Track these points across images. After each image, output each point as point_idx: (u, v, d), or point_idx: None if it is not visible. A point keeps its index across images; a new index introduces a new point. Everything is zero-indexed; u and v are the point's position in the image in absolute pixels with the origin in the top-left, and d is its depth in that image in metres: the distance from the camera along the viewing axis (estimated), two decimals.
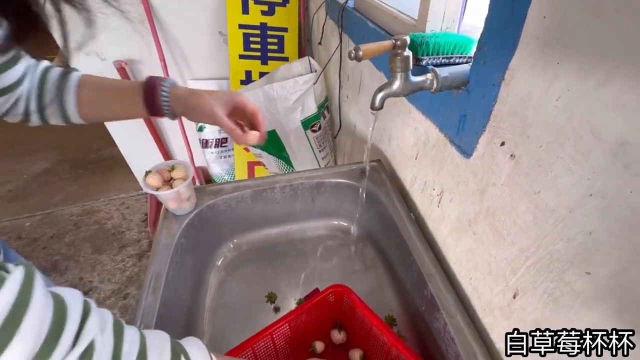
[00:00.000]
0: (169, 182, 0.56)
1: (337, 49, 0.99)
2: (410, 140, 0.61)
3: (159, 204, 1.65)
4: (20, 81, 0.43)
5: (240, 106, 0.50)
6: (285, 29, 1.37)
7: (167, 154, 1.68)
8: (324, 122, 1.18)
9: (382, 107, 0.44)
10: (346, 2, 0.91)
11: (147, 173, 0.55)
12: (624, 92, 0.23)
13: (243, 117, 0.51)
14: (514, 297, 0.37)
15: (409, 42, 0.41)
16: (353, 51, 0.39)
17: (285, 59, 1.42)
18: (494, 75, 0.36)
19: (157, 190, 0.54)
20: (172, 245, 0.55)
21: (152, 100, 0.47)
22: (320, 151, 1.21)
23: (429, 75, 0.43)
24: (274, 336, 0.51)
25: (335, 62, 1.06)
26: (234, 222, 0.69)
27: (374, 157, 0.75)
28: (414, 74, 0.44)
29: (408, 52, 0.41)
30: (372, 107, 0.44)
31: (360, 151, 0.99)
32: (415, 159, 0.59)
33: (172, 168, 0.56)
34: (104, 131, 1.54)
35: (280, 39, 1.38)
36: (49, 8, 0.24)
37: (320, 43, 1.22)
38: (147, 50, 1.38)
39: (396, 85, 0.42)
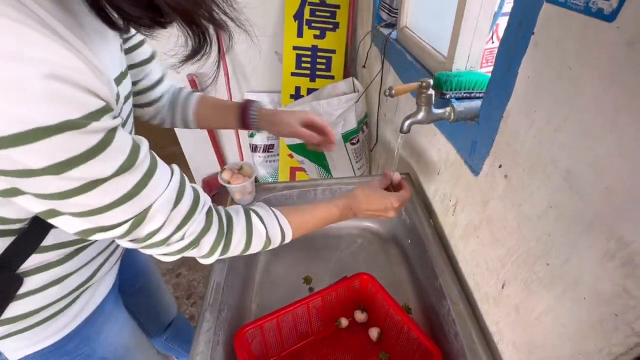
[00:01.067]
0: (237, 176, 0.72)
1: (378, 73, 1.12)
2: (434, 158, 0.72)
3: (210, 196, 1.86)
4: (160, 81, 0.60)
5: (312, 122, 0.65)
6: (333, 51, 1.53)
7: (221, 156, 1.91)
8: (362, 136, 1.31)
9: (409, 131, 0.56)
10: (390, 33, 1.05)
11: (222, 169, 0.71)
12: (571, 135, 0.33)
13: (315, 131, 0.66)
14: (502, 287, 0.47)
15: (432, 83, 0.53)
16: (388, 90, 0.52)
17: (332, 77, 1.57)
18: (496, 113, 0.47)
19: (228, 183, 0.70)
20: None
21: (244, 117, 0.65)
22: (357, 162, 1.33)
23: (448, 109, 0.54)
24: (310, 305, 0.64)
25: (376, 84, 1.19)
26: None
27: (404, 171, 0.86)
28: (439, 105, 0.55)
29: (431, 91, 0.53)
30: (400, 131, 0.56)
31: (392, 161, 1.10)
32: (438, 174, 0.70)
33: (241, 167, 0.72)
34: (170, 131, 1.80)
35: (329, 60, 1.54)
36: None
37: (364, 66, 1.36)
38: (215, 66, 1.61)
39: (420, 115, 0.54)
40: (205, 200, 0.42)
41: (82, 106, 0.27)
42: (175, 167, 0.40)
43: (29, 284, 0.42)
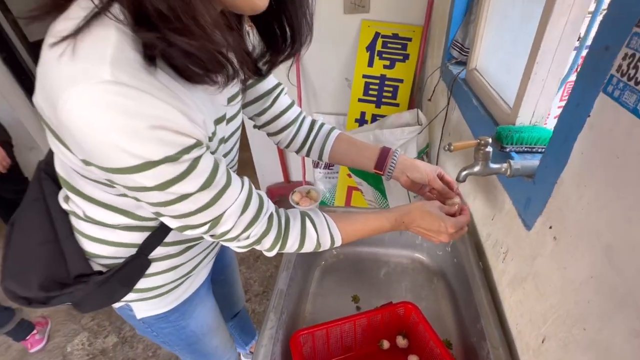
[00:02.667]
0: (305, 199, 0.83)
1: (444, 109, 1.16)
2: (490, 203, 0.75)
3: None
4: (289, 108, 0.69)
5: (440, 174, 0.68)
6: (401, 80, 1.60)
7: (286, 169, 2.08)
8: (446, 148, 1.34)
9: (465, 181, 0.61)
10: (459, 73, 1.09)
11: (293, 191, 0.83)
12: (614, 215, 0.37)
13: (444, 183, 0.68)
14: (542, 341, 0.49)
15: (494, 135, 0.58)
16: (447, 145, 0.58)
17: (397, 105, 1.64)
18: (551, 177, 0.50)
19: (297, 204, 0.82)
20: None
21: (383, 162, 0.68)
22: None
23: (505, 165, 0.59)
24: (356, 323, 0.72)
25: (440, 118, 1.23)
26: None
27: None
28: (498, 158, 0.60)
29: (489, 149, 0.58)
30: (457, 179, 0.62)
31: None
32: (492, 219, 0.73)
33: (309, 192, 0.84)
34: (243, 139, 2.02)
35: (395, 89, 1.61)
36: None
37: (429, 99, 1.41)
38: (289, 88, 1.78)
39: (477, 168, 0.59)
40: (269, 207, 0.51)
41: (177, 145, 0.36)
42: (245, 180, 0.49)
43: (154, 268, 0.58)
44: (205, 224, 0.45)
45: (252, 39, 0.53)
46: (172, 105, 0.35)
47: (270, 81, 0.65)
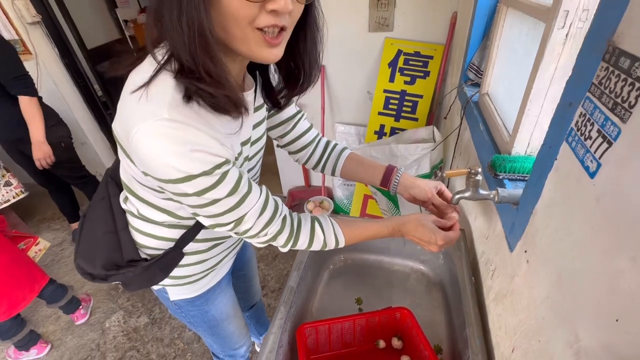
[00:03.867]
0: (318, 209, 0.93)
1: (457, 129, 1.22)
2: (486, 225, 0.81)
3: (290, 208, 2.14)
4: (307, 131, 0.79)
5: (441, 190, 0.75)
6: (420, 96, 1.67)
7: (307, 172, 2.19)
8: (440, 174, 1.41)
9: (458, 203, 0.69)
10: (472, 96, 1.14)
11: (308, 201, 0.93)
12: (566, 247, 0.44)
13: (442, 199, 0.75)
14: (512, 351, 0.56)
15: (480, 171, 0.65)
16: (439, 172, 0.66)
17: (416, 119, 1.70)
18: (529, 207, 0.57)
19: (311, 213, 0.92)
20: None
21: (388, 178, 0.77)
22: None
23: (493, 192, 0.65)
24: (356, 322, 0.81)
25: (454, 136, 1.28)
26: None
27: (462, 226, 0.96)
28: (493, 183, 0.67)
29: (479, 177, 0.65)
30: (450, 202, 0.70)
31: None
32: (487, 239, 0.80)
33: (321, 202, 0.94)
34: (269, 142, 2.16)
35: (415, 104, 1.68)
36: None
37: (445, 117, 1.46)
38: (314, 99, 1.89)
39: (468, 193, 0.67)
40: (282, 210, 0.60)
41: (210, 163, 0.47)
42: (264, 188, 0.58)
43: (186, 260, 0.70)
44: (230, 222, 0.54)
45: (277, 76, 0.64)
46: (207, 133, 0.47)
47: (291, 109, 0.76)
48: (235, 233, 0.58)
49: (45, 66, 2.05)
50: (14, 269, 1.39)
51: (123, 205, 0.66)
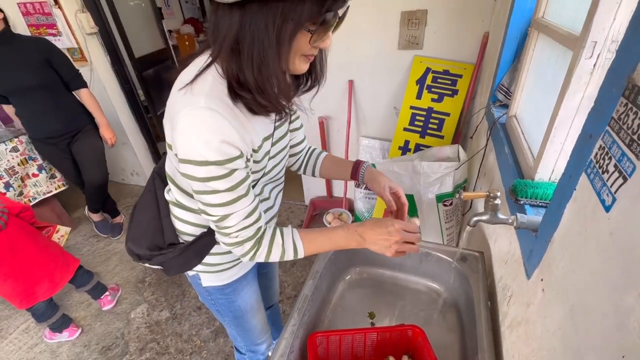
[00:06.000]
0: (336, 220, 0.96)
1: (482, 149, 1.21)
2: (505, 249, 0.80)
3: (311, 219, 2.19)
4: (302, 141, 0.85)
5: (398, 194, 0.79)
6: (447, 114, 1.66)
7: (329, 183, 2.23)
8: (457, 199, 1.39)
9: (475, 225, 0.69)
10: (499, 117, 1.13)
11: (328, 212, 0.96)
12: (579, 279, 0.44)
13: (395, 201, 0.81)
14: None
15: (498, 195, 0.65)
16: (457, 194, 0.67)
17: (441, 137, 1.69)
18: (547, 236, 0.56)
19: (330, 224, 0.94)
20: (327, 256, 0.95)
21: (356, 171, 0.84)
22: (446, 222, 1.42)
23: (512, 217, 0.65)
24: (367, 336, 0.82)
25: (479, 156, 1.27)
26: (363, 256, 1.04)
27: (480, 249, 0.95)
28: (513, 208, 0.67)
29: (498, 201, 0.65)
30: (468, 224, 0.70)
31: (479, 236, 1.16)
32: (505, 263, 0.78)
33: (341, 214, 0.96)
34: None
35: (441, 121, 1.67)
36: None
37: (471, 137, 1.45)
38: (341, 112, 1.94)
39: (486, 217, 0.67)
40: (261, 224, 0.64)
41: (227, 155, 0.54)
42: (257, 200, 0.63)
43: (217, 249, 0.77)
44: (217, 215, 0.60)
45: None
46: (234, 126, 0.54)
47: (299, 122, 0.83)
48: (216, 226, 0.63)
49: (97, 72, 2.25)
50: (51, 252, 1.54)
51: (166, 196, 0.75)
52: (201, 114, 0.51)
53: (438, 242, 1.32)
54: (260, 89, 0.53)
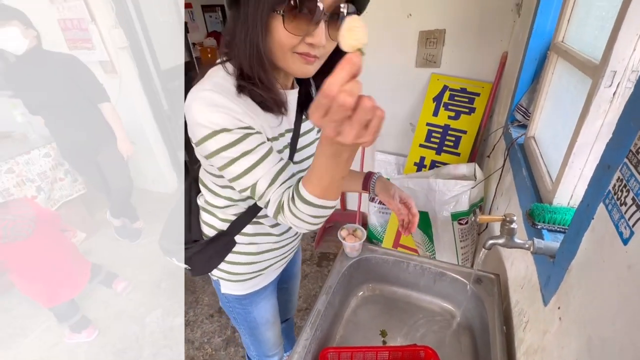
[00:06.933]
0: (351, 236, 0.97)
1: (499, 169, 1.20)
2: (522, 273, 0.79)
3: (324, 231, 2.20)
4: None
5: (408, 203, 0.81)
6: (464, 132, 1.66)
7: (343, 195, 2.24)
8: (473, 219, 1.38)
9: (490, 249, 0.69)
10: (517, 138, 1.13)
11: (342, 227, 0.98)
12: (596, 310, 0.43)
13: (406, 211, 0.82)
14: None
15: (515, 219, 0.65)
16: (473, 216, 0.67)
17: (458, 154, 1.69)
18: (565, 263, 0.56)
19: (344, 240, 0.96)
20: (341, 271, 0.96)
21: (367, 182, 0.84)
22: (461, 241, 1.40)
23: (529, 242, 0.65)
24: (378, 355, 0.82)
25: (496, 175, 1.26)
26: (377, 273, 1.04)
27: (495, 270, 0.93)
28: (530, 232, 0.66)
29: (514, 225, 0.65)
30: (484, 247, 0.70)
31: (495, 257, 1.15)
32: (522, 288, 0.77)
33: (355, 230, 0.97)
34: None
35: (458, 139, 1.67)
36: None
37: (488, 156, 1.44)
38: None
39: (502, 240, 0.67)
40: (292, 183, 0.59)
41: (233, 124, 0.54)
42: (281, 162, 0.59)
43: (238, 259, 0.79)
44: (247, 187, 0.58)
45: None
46: (239, 106, 0.55)
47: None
48: (257, 201, 0.60)
49: (125, 83, 2.37)
50: (74, 255, 1.66)
51: (198, 201, 0.81)
52: (206, 93, 0.54)
53: (453, 262, 1.30)
54: (259, 79, 0.56)
